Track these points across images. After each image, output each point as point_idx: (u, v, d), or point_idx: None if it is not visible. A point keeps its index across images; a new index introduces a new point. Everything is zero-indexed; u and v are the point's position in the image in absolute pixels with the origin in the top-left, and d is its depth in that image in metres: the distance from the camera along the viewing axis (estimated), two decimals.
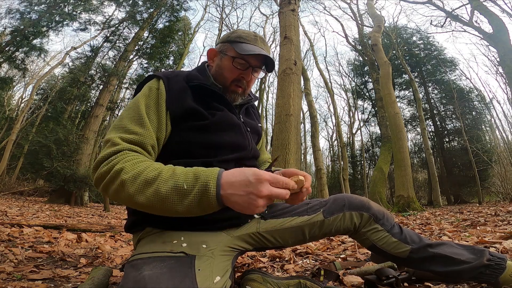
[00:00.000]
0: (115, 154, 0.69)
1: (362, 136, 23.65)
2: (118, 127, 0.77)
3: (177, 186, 0.59)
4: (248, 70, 0.92)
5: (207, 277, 0.66)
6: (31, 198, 10.21)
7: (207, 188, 0.58)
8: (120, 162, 0.66)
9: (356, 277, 1.12)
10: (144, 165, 0.66)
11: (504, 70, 8.87)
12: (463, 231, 2.32)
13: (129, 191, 0.61)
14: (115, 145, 0.71)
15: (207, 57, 0.99)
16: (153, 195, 0.60)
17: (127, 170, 0.64)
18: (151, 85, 0.86)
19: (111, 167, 0.66)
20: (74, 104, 13.09)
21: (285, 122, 3.86)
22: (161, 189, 0.59)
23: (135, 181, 0.62)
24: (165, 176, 0.61)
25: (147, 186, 0.61)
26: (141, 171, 0.63)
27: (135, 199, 0.61)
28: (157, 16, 13.14)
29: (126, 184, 0.62)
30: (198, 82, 0.90)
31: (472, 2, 9.88)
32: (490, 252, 0.87)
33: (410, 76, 15.43)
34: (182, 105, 0.84)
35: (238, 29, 0.97)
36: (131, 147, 0.72)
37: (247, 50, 0.88)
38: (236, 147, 0.90)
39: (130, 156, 0.68)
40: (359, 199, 0.99)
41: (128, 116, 0.79)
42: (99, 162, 0.69)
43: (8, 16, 10.14)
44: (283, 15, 4.76)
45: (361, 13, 17.04)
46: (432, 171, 13.02)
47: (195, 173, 0.61)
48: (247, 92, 0.98)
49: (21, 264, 1.43)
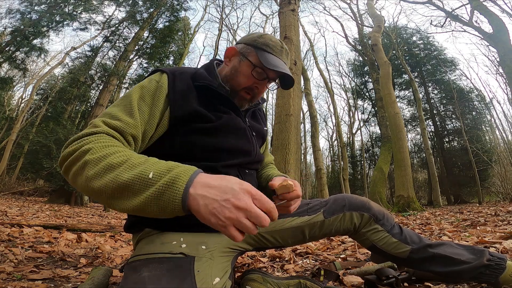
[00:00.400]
0: (90, 136, 0.64)
1: (362, 136, 23.67)
2: (105, 113, 0.74)
3: (141, 174, 0.51)
4: (264, 81, 0.88)
5: (206, 279, 0.65)
6: (31, 198, 10.21)
7: (174, 181, 0.49)
8: (91, 143, 0.61)
9: (356, 277, 1.13)
10: (114, 149, 0.59)
11: (504, 70, 8.86)
12: (463, 231, 2.32)
13: (87, 174, 0.55)
14: (95, 127, 0.67)
15: (225, 54, 0.92)
16: (111, 181, 0.52)
17: (94, 151, 0.58)
18: (152, 77, 0.83)
19: (79, 147, 0.60)
20: (74, 104, 13.09)
21: (285, 122, 3.86)
22: (122, 175, 0.52)
23: (98, 163, 0.55)
24: (133, 162, 0.54)
25: (108, 170, 0.53)
26: (108, 154, 0.57)
27: (90, 184, 0.54)
28: (157, 16, 13.14)
29: (87, 165, 0.55)
30: (204, 82, 0.85)
31: (472, 2, 9.88)
32: (490, 252, 0.87)
33: (410, 76, 15.42)
34: (186, 106, 0.80)
35: (265, 34, 0.90)
36: (109, 131, 0.67)
37: (272, 63, 0.83)
38: (240, 152, 0.87)
39: (104, 138, 0.63)
40: (360, 199, 0.99)
41: (118, 104, 0.77)
42: (71, 141, 0.64)
43: (8, 16, 10.14)
44: (283, 15, 4.76)
45: (361, 13, 17.05)
46: (432, 171, 13.01)
47: (170, 166, 0.53)
48: (255, 100, 0.93)
49: (21, 264, 1.43)
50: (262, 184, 0.98)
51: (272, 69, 0.83)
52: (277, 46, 0.88)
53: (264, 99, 1.06)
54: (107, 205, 0.55)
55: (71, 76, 11.90)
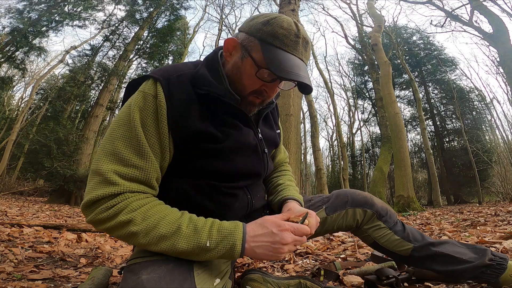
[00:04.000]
0: (114, 197, 0.61)
1: (362, 136, 23.69)
2: (111, 155, 0.63)
3: (199, 244, 0.60)
4: (274, 82, 0.70)
5: (206, 280, 0.65)
6: (31, 198, 10.21)
7: (233, 247, 0.61)
8: (125, 211, 0.60)
9: (356, 277, 1.12)
10: (156, 215, 0.62)
11: (504, 70, 8.87)
12: (463, 231, 2.32)
13: (140, 242, 0.61)
14: (111, 184, 0.61)
15: (224, 48, 0.73)
16: (169, 248, 0.60)
17: (137, 221, 0.60)
18: (146, 91, 0.67)
19: (115, 215, 0.60)
20: (74, 104, 13.07)
21: (285, 122, 3.87)
22: (179, 245, 0.60)
23: (148, 234, 0.60)
24: (185, 233, 0.61)
25: (162, 240, 0.60)
26: (154, 225, 0.60)
27: (146, 247, 0.62)
28: (157, 15, 13.13)
29: (137, 236, 0.60)
30: (207, 90, 0.69)
31: (472, 2, 9.88)
32: (492, 252, 0.87)
33: (410, 76, 15.42)
34: (187, 125, 0.67)
35: (274, 18, 0.67)
36: (132, 187, 0.63)
37: (282, 67, 0.63)
38: (250, 175, 0.80)
39: (135, 203, 0.62)
40: (362, 195, 0.97)
41: (123, 138, 0.64)
42: (95, 202, 0.61)
43: (8, 16, 10.14)
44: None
45: (361, 13, 17.05)
46: (432, 171, 13.01)
47: (219, 229, 0.62)
48: (266, 102, 0.77)
49: (21, 264, 1.43)
50: (271, 202, 0.91)
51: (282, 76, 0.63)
52: (290, 36, 0.66)
53: (278, 94, 0.89)
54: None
55: (71, 76, 11.89)
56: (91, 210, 0.62)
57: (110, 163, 0.63)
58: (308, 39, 0.71)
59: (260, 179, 0.87)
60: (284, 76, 0.64)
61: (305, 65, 0.70)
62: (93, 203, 0.62)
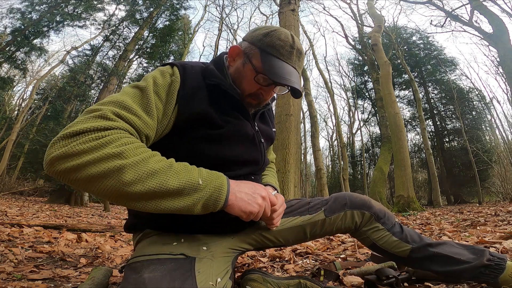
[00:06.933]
0: (105, 131, 0.56)
1: (362, 136, 23.68)
2: (116, 102, 0.63)
3: (191, 180, 0.59)
4: (270, 87, 0.80)
5: (207, 279, 0.65)
6: (31, 198, 10.21)
7: (221, 187, 0.62)
8: (116, 144, 0.55)
9: (356, 277, 1.12)
10: (147, 153, 0.58)
11: (504, 70, 8.87)
12: (463, 231, 2.32)
13: (123, 179, 0.53)
14: (106, 119, 0.58)
15: (229, 53, 0.84)
16: (158, 186, 0.55)
17: (127, 155, 0.54)
18: (165, 70, 0.75)
19: (101, 146, 0.53)
20: (74, 103, 13.08)
21: (285, 122, 3.87)
22: (169, 181, 0.56)
23: (137, 169, 0.54)
24: (177, 168, 0.60)
25: (152, 176, 0.55)
26: (145, 159, 0.56)
27: (127, 189, 0.53)
28: (157, 15, 13.15)
29: (123, 171, 0.53)
30: (215, 81, 0.77)
31: (472, 2, 9.88)
32: (491, 252, 0.87)
33: (410, 76, 15.42)
34: (194, 105, 0.73)
35: (273, 31, 0.78)
36: (128, 128, 0.60)
37: (276, 73, 0.73)
38: (248, 162, 0.84)
39: (127, 139, 0.57)
40: (360, 197, 0.98)
41: (133, 95, 0.67)
42: (78, 133, 0.54)
43: (9, 16, 10.15)
44: (283, 15, 4.77)
45: (361, 13, 17.05)
46: (432, 171, 13.01)
47: (207, 171, 0.64)
48: (262, 104, 0.86)
49: (21, 264, 1.43)
50: None
51: (278, 83, 0.74)
52: (286, 47, 0.76)
53: (274, 98, 0.98)
54: (135, 208, 0.56)
55: (71, 75, 11.90)
56: (68, 141, 0.53)
57: (111, 106, 0.62)
58: (302, 50, 0.81)
59: (258, 169, 0.90)
60: (277, 80, 0.74)
61: (297, 72, 0.79)
62: (75, 135, 0.54)
